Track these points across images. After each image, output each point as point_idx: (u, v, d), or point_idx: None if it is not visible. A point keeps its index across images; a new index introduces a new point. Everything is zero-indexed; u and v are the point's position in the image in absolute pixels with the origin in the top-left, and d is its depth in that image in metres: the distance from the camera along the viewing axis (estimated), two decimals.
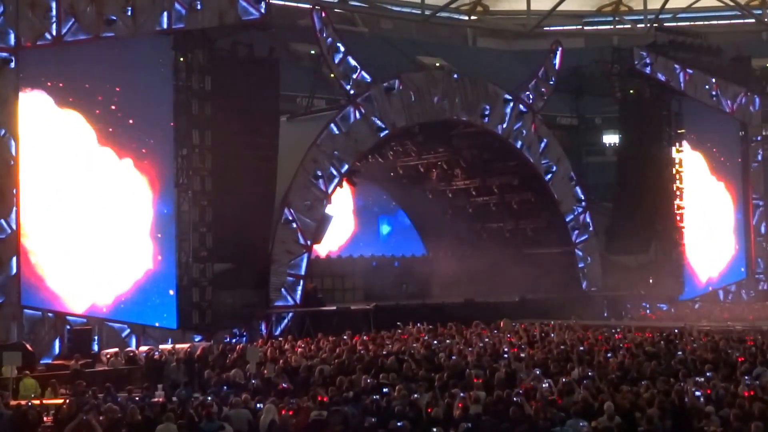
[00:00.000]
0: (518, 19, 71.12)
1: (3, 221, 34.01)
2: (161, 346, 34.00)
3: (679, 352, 27.94)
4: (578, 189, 52.69)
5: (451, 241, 55.59)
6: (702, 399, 19.47)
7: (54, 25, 35.20)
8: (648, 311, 50.98)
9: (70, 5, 35.31)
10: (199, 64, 38.45)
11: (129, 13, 36.65)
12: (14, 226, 34.13)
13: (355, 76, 44.84)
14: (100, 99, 36.51)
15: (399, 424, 17.54)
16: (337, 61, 44.64)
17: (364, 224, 56.05)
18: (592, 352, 28.68)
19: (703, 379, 22.16)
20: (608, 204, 57.38)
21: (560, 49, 52.82)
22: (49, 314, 34.85)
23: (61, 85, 35.79)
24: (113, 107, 36.76)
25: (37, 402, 23.31)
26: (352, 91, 44.73)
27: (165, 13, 37.62)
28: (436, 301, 47.80)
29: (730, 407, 18.57)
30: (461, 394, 20.46)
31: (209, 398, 22.25)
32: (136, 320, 36.60)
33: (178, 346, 33.99)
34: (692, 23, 70.73)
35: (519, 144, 50.44)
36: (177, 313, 37.60)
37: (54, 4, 35.09)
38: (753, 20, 70.96)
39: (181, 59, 38.18)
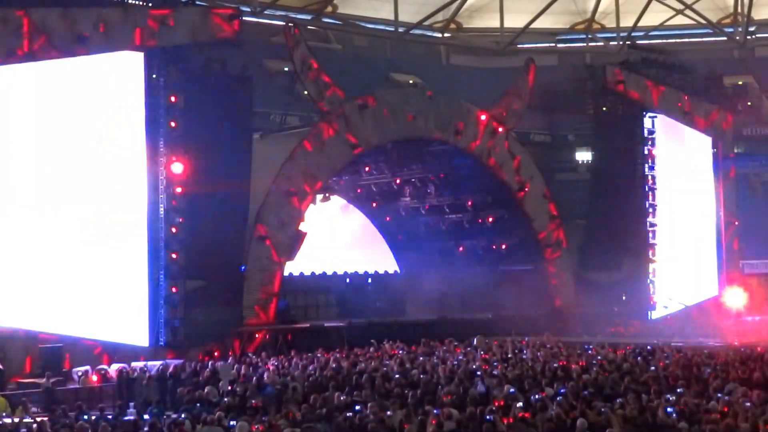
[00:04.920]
0: (492, 36, 71.27)
1: None
2: (133, 364, 33.78)
3: (652, 368, 28.00)
4: (551, 206, 52.82)
5: (425, 258, 55.58)
6: (674, 415, 19.50)
7: (25, 42, 35.02)
8: (621, 326, 51.07)
9: (42, 21, 35.17)
10: (172, 81, 38.31)
11: (101, 29, 36.49)
12: None
13: (328, 94, 44.83)
14: (71, 116, 36.35)
15: None
16: (310, 78, 44.60)
17: (336, 241, 55.95)
18: (566, 369, 28.72)
19: (674, 397, 22.19)
20: (581, 221, 57.53)
21: (533, 66, 53.02)
22: (20, 332, 34.60)
23: (32, 101, 35.66)
24: (84, 124, 36.60)
25: (8, 421, 23.12)
26: (325, 108, 44.72)
27: (137, 30, 37.51)
28: (409, 319, 47.78)
29: (701, 423, 18.61)
30: (435, 411, 20.41)
31: (182, 416, 22.13)
32: (107, 338, 36.39)
33: (150, 363, 33.80)
34: (664, 41, 71.07)
35: (492, 161, 50.52)
36: (149, 330, 37.42)
37: (25, 21, 34.90)
38: (725, 38, 71.37)
39: (154, 76, 38.07)
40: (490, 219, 53.29)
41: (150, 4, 38.34)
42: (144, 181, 37.77)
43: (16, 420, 23.40)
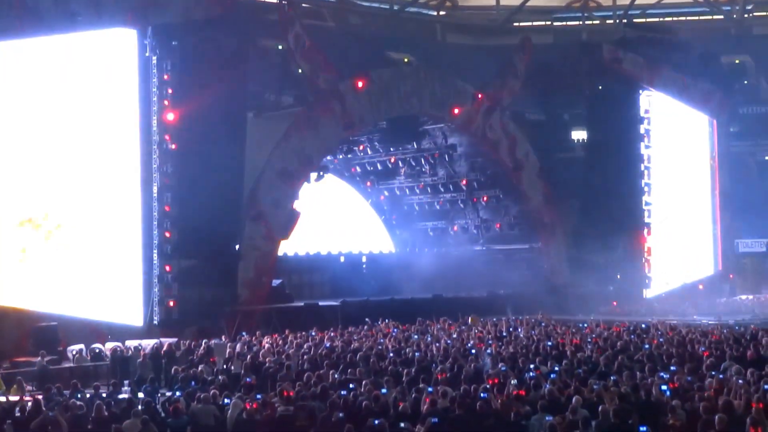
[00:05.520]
0: (487, 14, 70.96)
1: None
2: (127, 343, 33.76)
3: (646, 346, 28.00)
4: (546, 185, 52.77)
5: (420, 237, 55.60)
6: (668, 393, 19.49)
7: (16, 19, 34.82)
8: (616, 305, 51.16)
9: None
10: (165, 59, 38.14)
11: (93, 7, 36.30)
12: None
13: (323, 72, 44.67)
14: (63, 94, 36.19)
15: (376, 422, 17.44)
16: (304, 56, 44.43)
17: (331, 220, 55.91)
18: (560, 347, 28.72)
19: (668, 375, 22.18)
20: (576, 200, 57.48)
21: (529, 44, 52.86)
22: (15, 311, 34.56)
23: (24, 78, 35.51)
24: (76, 103, 36.45)
25: (2, 399, 23.08)
26: (320, 87, 44.56)
27: (130, 8, 37.31)
28: (404, 298, 47.76)
29: (695, 401, 18.61)
30: (429, 389, 20.40)
31: (176, 394, 22.10)
32: (101, 317, 36.35)
33: (144, 342, 33.79)
34: (661, 19, 70.76)
35: (487, 140, 50.43)
36: (143, 309, 37.40)
37: None
38: (722, 16, 71.14)
39: (147, 54, 37.90)
40: (485, 198, 53.29)
41: None
42: (137, 160, 37.66)
43: (11, 399, 23.39)
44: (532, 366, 24.61)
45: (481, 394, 19.61)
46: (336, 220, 56.03)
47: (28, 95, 35.66)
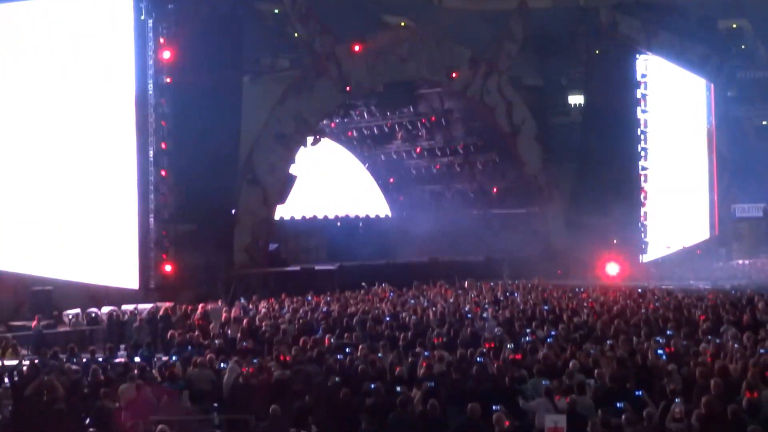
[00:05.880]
0: None
1: None
2: (123, 307, 33.75)
3: (642, 311, 28.04)
4: (543, 149, 52.68)
5: (416, 202, 55.56)
6: (664, 357, 19.50)
7: None
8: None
9: None
10: (161, 22, 37.90)
11: None
12: None
13: (319, 36, 44.45)
14: (59, 58, 36.00)
15: (372, 386, 17.45)
16: (301, 20, 44.20)
17: (327, 184, 55.85)
18: (556, 312, 28.74)
19: (664, 339, 22.21)
20: (573, 164, 57.41)
21: (527, 9, 52.60)
22: (10, 275, 34.53)
23: (18, 42, 35.32)
24: (71, 68, 36.25)
25: None
26: (316, 51, 44.37)
27: None
28: (400, 262, 47.75)
29: (691, 366, 18.63)
30: (425, 354, 20.41)
31: (173, 358, 22.10)
32: (98, 281, 36.33)
33: (140, 306, 33.77)
34: None
35: (484, 104, 50.30)
36: (139, 273, 37.36)
37: None
38: None
39: (142, 18, 37.66)
40: (482, 162, 53.18)
41: None
42: (133, 125, 37.50)
43: (7, 363, 23.38)
44: (528, 330, 24.65)
45: (478, 359, 19.63)
46: (332, 184, 55.97)
47: (21, 60, 35.37)
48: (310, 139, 47.32)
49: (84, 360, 22.65)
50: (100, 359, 22.84)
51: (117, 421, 17.13)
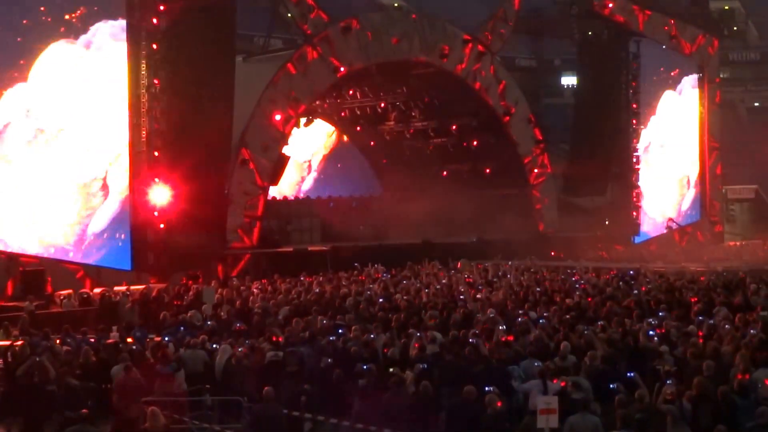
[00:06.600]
0: None
1: None
2: (116, 288, 33.70)
3: (634, 292, 28.07)
4: (536, 131, 52.68)
5: (409, 182, 55.46)
6: (656, 339, 19.55)
7: None
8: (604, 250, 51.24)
9: None
10: (153, 2, 37.72)
11: None
12: None
13: (312, 16, 44.31)
14: (48, 33, 35.83)
15: (365, 367, 17.47)
16: (294, 0, 44.07)
17: (320, 165, 55.80)
18: (548, 293, 28.76)
19: (656, 321, 22.24)
20: (566, 146, 57.45)
21: None
22: (1, 255, 34.46)
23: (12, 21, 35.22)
24: (64, 47, 36.10)
25: None
26: (309, 31, 44.25)
27: None
28: (393, 242, 47.73)
29: (683, 347, 18.68)
30: (417, 335, 20.43)
31: (165, 339, 22.09)
32: (90, 261, 36.28)
33: (132, 287, 33.73)
34: None
35: (478, 85, 50.25)
36: (131, 254, 37.30)
37: None
38: None
39: None
40: (475, 143, 53.17)
41: None
42: (125, 104, 37.35)
43: None
44: (520, 312, 24.67)
45: (470, 340, 19.66)
46: (325, 164, 55.88)
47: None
48: (303, 120, 47.22)
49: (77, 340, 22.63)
50: (92, 340, 22.81)
51: (109, 402, 17.18)
